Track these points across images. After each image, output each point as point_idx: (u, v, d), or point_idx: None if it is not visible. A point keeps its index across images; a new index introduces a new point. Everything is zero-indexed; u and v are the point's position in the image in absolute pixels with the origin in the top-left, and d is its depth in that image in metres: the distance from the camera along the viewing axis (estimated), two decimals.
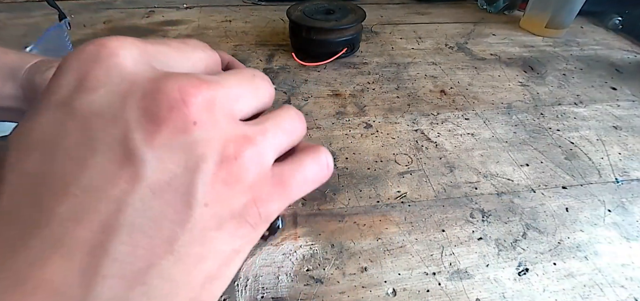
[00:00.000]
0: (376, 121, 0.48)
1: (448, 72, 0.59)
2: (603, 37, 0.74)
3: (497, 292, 0.30)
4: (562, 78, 0.59)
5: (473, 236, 0.34)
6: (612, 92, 0.56)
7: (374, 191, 0.38)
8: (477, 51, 0.66)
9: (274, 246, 0.32)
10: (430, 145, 0.44)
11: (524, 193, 0.38)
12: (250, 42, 0.65)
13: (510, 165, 0.42)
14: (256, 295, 0.29)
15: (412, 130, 0.46)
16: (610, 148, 0.45)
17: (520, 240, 0.34)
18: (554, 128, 0.48)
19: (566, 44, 0.70)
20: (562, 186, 0.40)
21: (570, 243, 0.34)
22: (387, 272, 0.31)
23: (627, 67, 0.64)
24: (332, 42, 0.57)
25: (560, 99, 0.54)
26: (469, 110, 0.50)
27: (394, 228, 0.34)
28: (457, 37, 0.71)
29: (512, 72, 0.60)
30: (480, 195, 0.38)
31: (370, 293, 0.29)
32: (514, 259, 0.32)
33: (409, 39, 0.69)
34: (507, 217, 0.36)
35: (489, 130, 0.47)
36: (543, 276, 0.31)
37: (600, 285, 0.31)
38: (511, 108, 0.51)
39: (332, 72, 0.57)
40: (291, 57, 0.59)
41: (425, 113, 0.49)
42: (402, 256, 0.32)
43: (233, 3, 0.81)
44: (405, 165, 0.41)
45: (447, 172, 0.40)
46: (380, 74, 0.57)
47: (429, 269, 0.31)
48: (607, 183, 0.40)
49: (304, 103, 0.50)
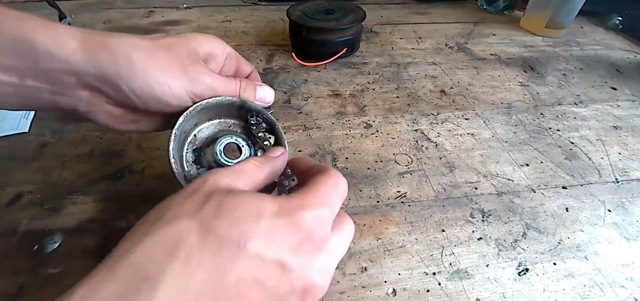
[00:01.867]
0: (376, 121, 0.47)
1: (448, 72, 0.59)
2: (603, 37, 0.74)
3: (497, 292, 0.30)
4: (562, 78, 0.59)
5: (473, 236, 0.34)
6: (612, 92, 0.56)
7: (374, 191, 0.38)
8: (477, 51, 0.66)
9: None
10: (430, 145, 0.44)
11: (524, 193, 0.38)
12: (250, 42, 0.65)
13: (510, 165, 0.42)
14: None
15: (412, 130, 0.46)
16: (610, 148, 0.45)
17: (520, 240, 0.34)
18: (554, 128, 0.48)
19: (566, 44, 0.70)
20: (562, 186, 0.40)
21: (570, 243, 0.34)
22: (387, 272, 0.31)
23: (627, 67, 0.64)
24: (332, 42, 0.57)
25: (560, 99, 0.54)
26: (469, 110, 0.50)
27: (394, 228, 0.34)
28: (457, 37, 0.71)
29: (512, 72, 0.60)
30: (480, 195, 0.38)
31: (370, 293, 0.29)
32: (514, 259, 0.32)
33: (409, 39, 0.69)
34: (507, 217, 0.36)
35: (489, 130, 0.47)
36: (543, 276, 0.31)
37: (600, 285, 0.31)
38: (511, 108, 0.51)
39: (332, 72, 0.57)
40: (291, 57, 0.59)
41: (425, 113, 0.49)
42: (402, 256, 0.32)
43: (233, 3, 0.81)
44: (405, 165, 0.41)
45: (447, 172, 0.40)
46: (380, 74, 0.57)
47: (429, 269, 0.31)
48: (607, 183, 0.40)
49: (304, 103, 0.50)
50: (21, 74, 0.22)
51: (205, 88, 0.26)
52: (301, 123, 0.46)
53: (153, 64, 0.24)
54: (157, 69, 0.24)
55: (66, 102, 0.24)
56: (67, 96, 0.24)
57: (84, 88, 0.24)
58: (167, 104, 0.25)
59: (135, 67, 0.24)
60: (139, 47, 0.24)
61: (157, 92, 0.24)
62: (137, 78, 0.24)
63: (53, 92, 0.24)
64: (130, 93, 0.24)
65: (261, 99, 0.30)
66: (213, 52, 0.29)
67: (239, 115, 0.30)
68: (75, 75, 0.23)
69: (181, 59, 0.26)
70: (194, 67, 0.26)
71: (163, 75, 0.24)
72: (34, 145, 0.41)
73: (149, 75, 0.24)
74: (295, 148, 0.42)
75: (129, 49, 0.24)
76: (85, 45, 0.23)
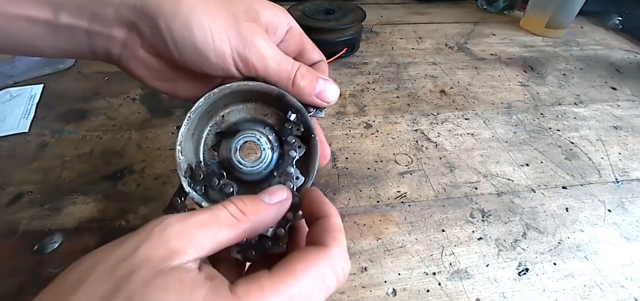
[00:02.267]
0: (376, 121, 0.47)
1: (448, 72, 0.59)
2: (603, 37, 0.74)
3: (497, 292, 0.30)
4: (562, 78, 0.59)
5: (473, 236, 0.34)
6: (612, 92, 0.56)
7: (374, 191, 0.38)
8: (477, 51, 0.66)
9: None
10: (430, 145, 0.44)
11: (524, 193, 0.38)
12: None
13: (510, 165, 0.42)
14: None
15: (412, 130, 0.46)
16: (610, 148, 0.45)
17: (520, 240, 0.34)
18: (554, 128, 0.48)
19: (566, 44, 0.70)
20: (562, 186, 0.40)
21: (570, 243, 0.34)
22: (387, 272, 0.31)
23: (627, 67, 0.64)
24: (332, 42, 0.57)
25: (560, 99, 0.54)
26: (469, 110, 0.50)
27: (394, 228, 0.34)
28: (457, 37, 0.71)
29: (512, 72, 0.60)
30: (480, 195, 0.38)
31: (370, 293, 0.29)
32: (514, 259, 0.32)
33: (409, 39, 0.69)
34: (507, 217, 0.36)
35: (489, 130, 0.47)
36: (543, 276, 0.31)
37: (600, 285, 0.31)
38: (511, 108, 0.51)
39: (332, 72, 0.57)
40: None
41: (425, 113, 0.49)
42: (402, 256, 0.32)
43: None
44: (405, 165, 0.41)
45: (447, 172, 0.40)
46: (380, 74, 0.57)
47: (429, 269, 0.31)
48: (607, 183, 0.40)
49: None
50: (56, 7, 0.20)
51: (255, 54, 0.22)
52: None
53: (201, 4, 0.21)
54: (203, 12, 0.21)
55: (101, 45, 0.22)
56: (103, 37, 0.21)
57: (121, 25, 0.21)
58: (207, 60, 0.21)
59: (180, 2, 0.21)
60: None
61: (197, 39, 0.21)
62: (179, 17, 0.20)
63: (89, 31, 0.21)
64: (167, 35, 0.21)
65: (320, 95, 0.24)
66: (274, 23, 0.25)
67: (279, 105, 0.25)
68: (116, 8, 0.20)
69: (237, 12, 0.22)
70: (250, 25, 0.22)
71: (208, 19, 0.21)
72: (34, 145, 0.41)
73: (193, 15, 0.21)
74: None
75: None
76: None
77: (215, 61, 0.21)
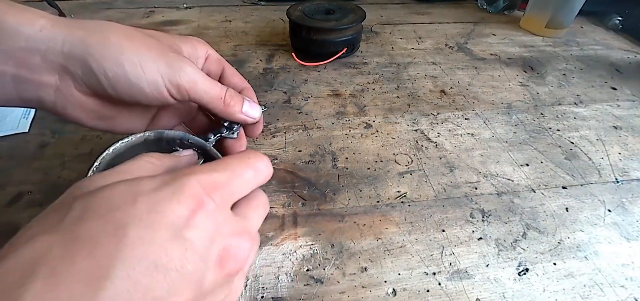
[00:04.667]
0: (376, 121, 0.48)
1: (448, 72, 0.59)
2: (603, 37, 0.74)
3: (497, 292, 0.30)
4: (562, 78, 0.59)
5: (473, 236, 0.34)
6: (612, 92, 0.56)
7: (374, 191, 0.38)
8: (477, 51, 0.66)
9: (274, 246, 0.32)
10: (430, 145, 0.44)
11: (524, 193, 0.38)
12: (250, 42, 0.65)
13: (510, 165, 0.42)
14: (256, 295, 0.29)
15: (412, 130, 0.46)
16: (610, 148, 0.45)
17: (520, 240, 0.34)
18: (554, 128, 0.48)
19: (566, 44, 0.70)
20: (562, 186, 0.40)
21: (570, 243, 0.34)
22: (387, 272, 0.31)
23: (627, 67, 0.64)
24: (332, 42, 0.57)
25: (560, 99, 0.54)
26: (469, 110, 0.50)
27: (394, 228, 0.34)
28: (457, 37, 0.71)
29: (512, 72, 0.60)
30: (480, 195, 0.38)
31: (370, 293, 0.29)
32: (514, 259, 0.32)
33: (409, 39, 0.69)
34: (507, 217, 0.36)
35: (489, 130, 0.47)
36: (543, 276, 0.31)
37: (600, 285, 0.31)
38: (511, 108, 0.51)
39: (332, 72, 0.57)
40: (291, 57, 0.59)
41: (425, 113, 0.49)
42: (402, 256, 0.32)
43: (233, 3, 0.81)
44: (405, 165, 0.41)
45: (447, 172, 0.40)
46: (380, 74, 0.57)
47: (429, 269, 0.31)
48: (607, 183, 0.40)
49: (304, 103, 0.50)
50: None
51: (185, 78, 0.24)
52: (301, 123, 0.46)
53: (128, 43, 0.22)
54: (130, 48, 0.22)
55: (31, 92, 0.22)
56: (33, 84, 0.22)
57: (51, 72, 0.22)
58: (141, 91, 0.23)
59: (107, 43, 0.22)
60: (116, 26, 0.23)
61: (129, 73, 0.22)
62: (109, 55, 0.22)
63: (17, 78, 0.21)
64: (99, 74, 0.22)
65: (246, 113, 0.28)
66: (193, 55, 0.28)
67: (161, 148, 0.25)
68: (42, 55, 0.21)
69: (162, 45, 0.24)
70: (176, 55, 0.24)
71: (136, 54, 0.22)
72: (34, 145, 0.41)
73: (122, 52, 0.22)
74: (295, 148, 0.42)
75: (103, 27, 0.22)
76: (55, 22, 0.21)
77: (149, 91, 0.23)
